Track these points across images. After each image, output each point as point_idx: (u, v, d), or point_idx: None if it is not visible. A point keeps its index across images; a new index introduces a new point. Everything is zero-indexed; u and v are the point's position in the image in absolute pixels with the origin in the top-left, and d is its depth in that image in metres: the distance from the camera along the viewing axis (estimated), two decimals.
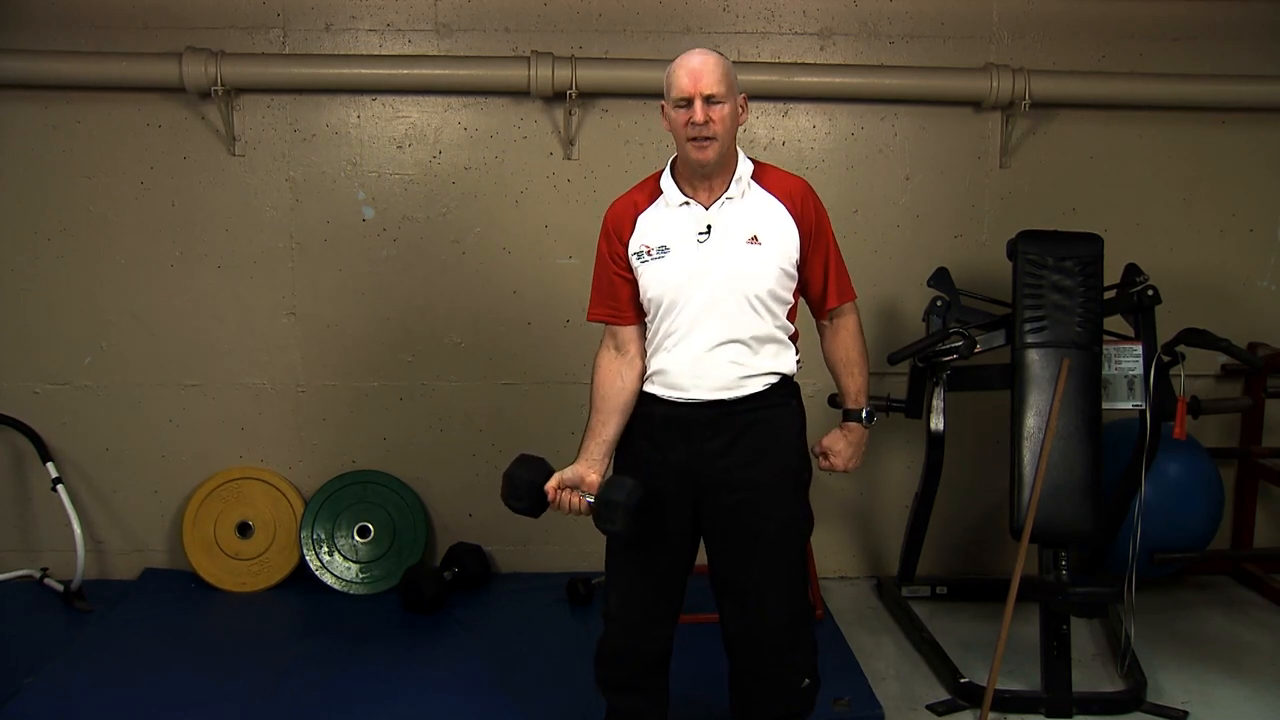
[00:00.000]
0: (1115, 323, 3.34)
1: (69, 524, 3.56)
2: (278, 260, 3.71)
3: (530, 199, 3.71)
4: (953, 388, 3.35)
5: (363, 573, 3.71)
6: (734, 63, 3.61)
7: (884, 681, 3.13)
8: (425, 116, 3.67)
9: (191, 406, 3.77)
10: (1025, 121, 3.74)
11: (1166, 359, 3.26)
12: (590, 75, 3.52)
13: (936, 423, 3.34)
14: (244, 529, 3.74)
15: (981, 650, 3.25)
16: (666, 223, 2.20)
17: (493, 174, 3.71)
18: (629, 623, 2.33)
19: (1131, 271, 3.32)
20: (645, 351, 2.28)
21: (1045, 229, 3.28)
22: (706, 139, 2.10)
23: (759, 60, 3.68)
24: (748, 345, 2.18)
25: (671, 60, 3.58)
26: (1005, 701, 2.96)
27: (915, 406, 3.44)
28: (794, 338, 2.29)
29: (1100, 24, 3.74)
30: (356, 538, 3.72)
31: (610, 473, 2.26)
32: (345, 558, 3.72)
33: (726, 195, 2.18)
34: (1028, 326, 3.14)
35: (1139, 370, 3.27)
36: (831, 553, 3.96)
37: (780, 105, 3.72)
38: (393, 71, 3.56)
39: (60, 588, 3.61)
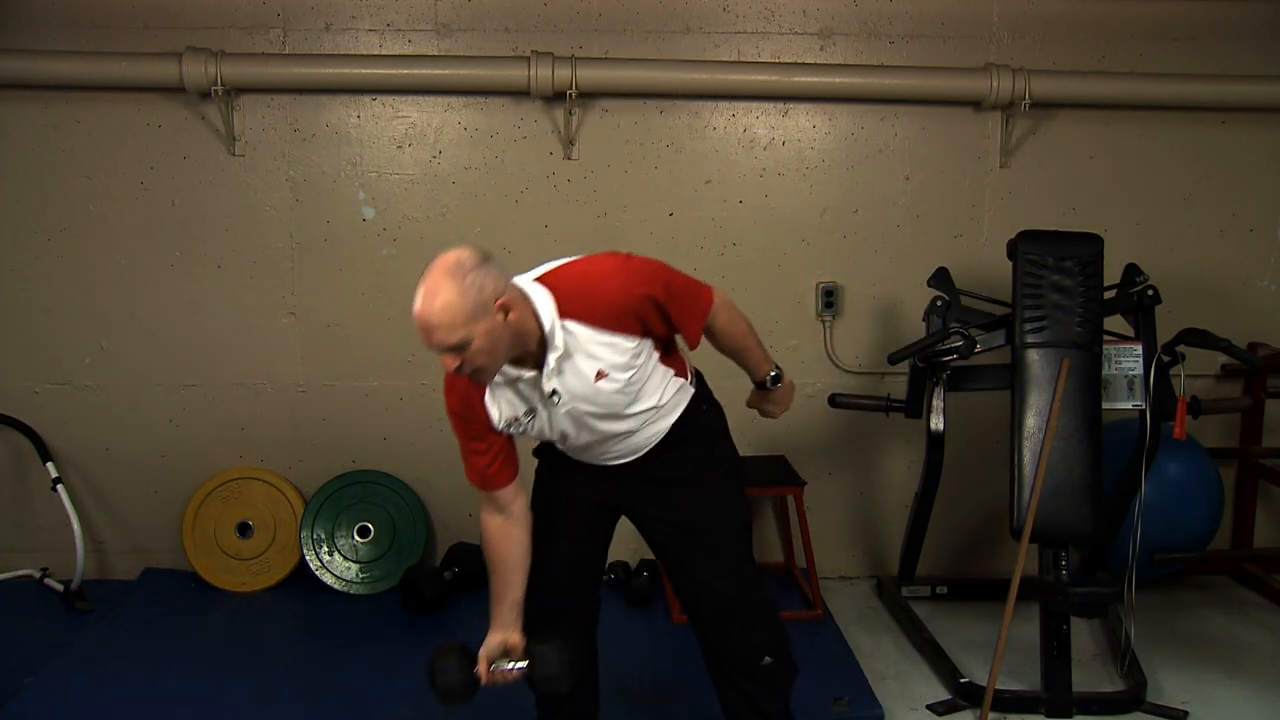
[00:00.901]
0: (1115, 323, 3.34)
1: (69, 524, 3.56)
2: (278, 260, 3.71)
3: (530, 199, 3.71)
4: (953, 388, 3.35)
5: (363, 573, 3.71)
6: (734, 63, 3.67)
7: (884, 681, 3.13)
8: (425, 116, 3.67)
9: (191, 406, 3.77)
10: (1025, 121, 3.74)
11: (1166, 359, 3.26)
12: (590, 75, 3.52)
13: (936, 423, 3.34)
14: (244, 529, 3.74)
15: (981, 650, 3.25)
16: (514, 395, 2.12)
17: (493, 174, 3.71)
18: (540, 611, 2.35)
19: (1131, 271, 3.32)
20: (527, 502, 2.27)
21: (1045, 229, 3.28)
22: (468, 374, 1.98)
23: (759, 60, 3.68)
24: (644, 430, 2.21)
25: (670, 61, 3.61)
26: (1005, 701, 2.96)
27: (915, 406, 3.44)
28: (679, 369, 2.24)
29: (1100, 24, 3.74)
30: (356, 538, 3.72)
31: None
32: (345, 558, 3.72)
33: (551, 359, 2.01)
34: (1028, 326, 3.14)
35: (1139, 370, 3.27)
36: (831, 553, 3.96)
37: (780, 105, 3.72)
38: (393, 71, 3.56)
39: (60, 588, 3.61)
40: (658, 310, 2.07)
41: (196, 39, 3.49)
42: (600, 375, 2.06)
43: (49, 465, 3.62)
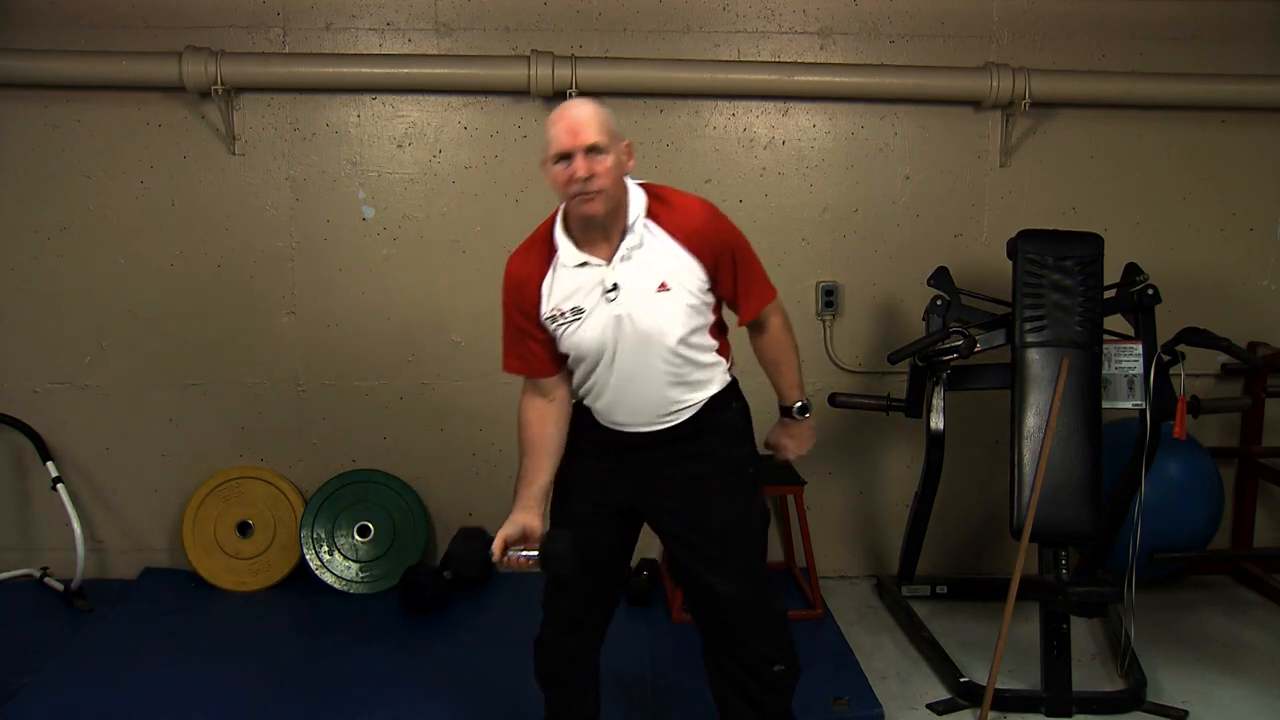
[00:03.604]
0: (1115, 322, 3.34)
1: (69, 523, 3.56)
2: (278, 260, 3.71)
3: (530, 198, 3.71)
4: (953, 387, 3.34)
5: (363, 572, 3.71)
6: (734, 62, 3.68)
7: (884, 681, 3.13)
8: (425, 116, 3.67)
9: (191, 406, 3.77)
10: (1025, 121, 3.74)
11: (1166, 358, 3.26)
12: (590, 74, 3.52)
13: (936, 422, 3.34)
14: (244, 528, 3.74)
15: (981, 650, 3.25)
16: (572, 285, 2.14)
17: (493, 173, 3.71)
18: (562, 617, 2.37)
19: (1131, 271, 3.32)
20: (570, 392, 2.27)
21: (1045, 228, 3.29)
22: (592, 193, 2.03)
23: (759, 60, 3.68)
24: (676, 386, 2.19)
25: (670, 60, 3.62)
26: (1005, 700, 2.96)
27: (915, 406, 3.44)
28: (722, 348, 2.25)
29: (1100, 23, 3.74)
30: (356, 537, 3.72)
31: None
32: (345, 557, 3.72)
33: (625, 246, 2.09)
34: (1028, 326, 3.14)
35: (1139, 370, 3.27)
36: (831, 553, 3.96)
37: (780, 104, 3.73)
38: (393, 71, 3.56)
39: (60, 587, 3.61)
40: (730, 259, 2.16)
41: (196, 38, 3.49)
42: (663, 287, 2.10)
43: (49, 465, 3.62)
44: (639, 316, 2.11)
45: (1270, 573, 3.85)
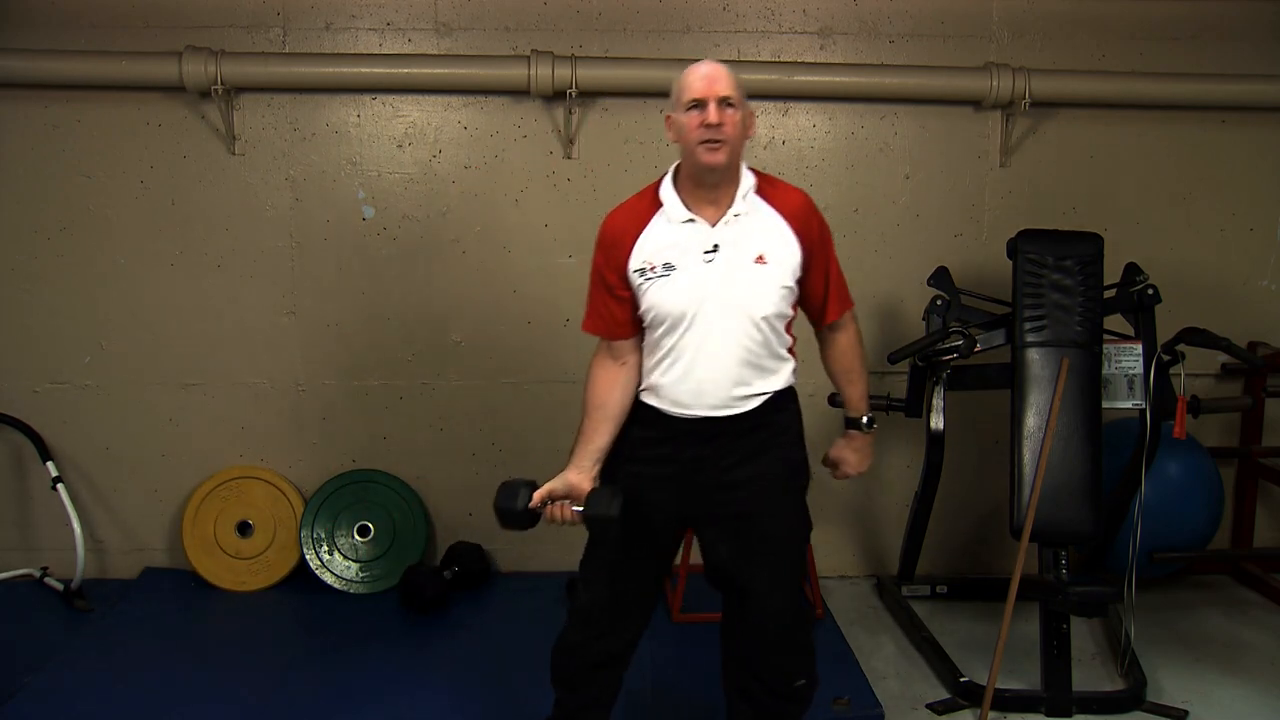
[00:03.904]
0: (1115, 322, 3.34)
1: (69, 523, 3.56)
2: (278, 260, 3.71)
3: (530, 198, 3.71)
4: (953, 387, 3.35)
5: (363, 572, 3.71)
6: (734, 62, 3.67)
7: (884, 680, 3.13)
8: (425, 116, 3.67)
9: (191, 406, 3.77)
10: (1025, 121, 3.74)
11: (1166, 358, 3.26)
12: (590, 74, 3.52)
13: (936, 422, 3.34)
14: (244, 528, 3.74)
15: (981, 649, 3.25)
16: (671, 239, 2.14)
17: (493, 173, 3.71)
18: (594, 621, 2.34)
19: (1131, 271, 3.33)
20: (642, 361, 2.24)
21: (1045, 228, 3.29)
22: (719, 141, 2.05)
23: (759, 60, 3.68)
24: (749, 367, 2.17)
25: (670, 60, 3.61)
26: (1005, 700, 2.96)
27: (915, 406, 3.45)
28: (791, 350, 2.26)
29: (1100, 23, 3.74)
30: (356, 537, 3.73)
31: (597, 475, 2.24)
32: (345, 557, 3.72)
33: (732, 212, 2.13)
34: (1028, 326, 3.14)
35: (1139, 369, 3.27)
36: (831, 553, 3.96)
37: (780, 104, 3.72)
38: (393, 71, 3.56)
39: (60, 587, 3.61)
40: (825, 253, 2.23)
41: (196, 38, 3.49)
42: (761, 259, 2.13)
43: (49, 465, 3.62)
44: (731, 283, 2.12)
45: (1270, 573, 3.85)
